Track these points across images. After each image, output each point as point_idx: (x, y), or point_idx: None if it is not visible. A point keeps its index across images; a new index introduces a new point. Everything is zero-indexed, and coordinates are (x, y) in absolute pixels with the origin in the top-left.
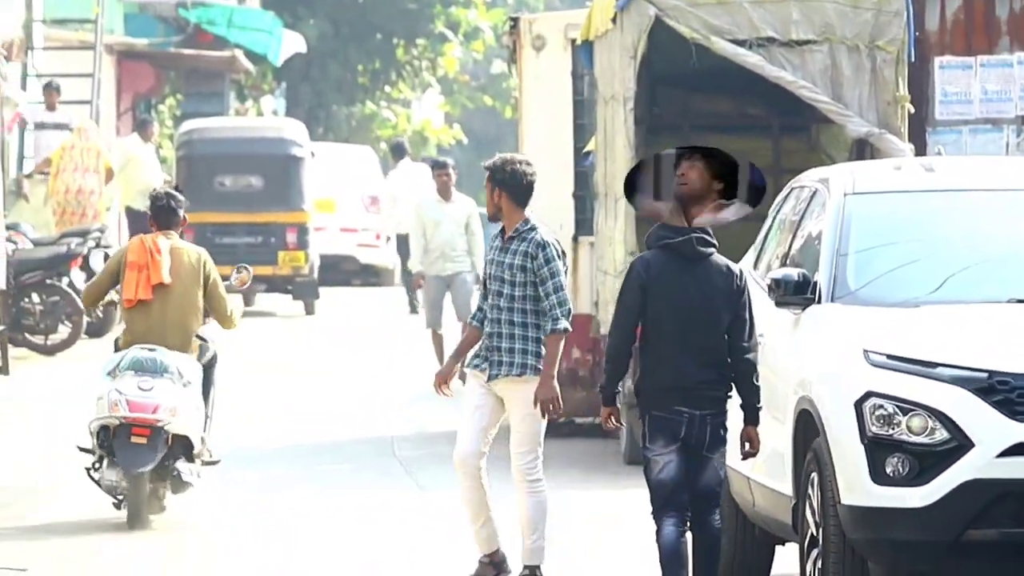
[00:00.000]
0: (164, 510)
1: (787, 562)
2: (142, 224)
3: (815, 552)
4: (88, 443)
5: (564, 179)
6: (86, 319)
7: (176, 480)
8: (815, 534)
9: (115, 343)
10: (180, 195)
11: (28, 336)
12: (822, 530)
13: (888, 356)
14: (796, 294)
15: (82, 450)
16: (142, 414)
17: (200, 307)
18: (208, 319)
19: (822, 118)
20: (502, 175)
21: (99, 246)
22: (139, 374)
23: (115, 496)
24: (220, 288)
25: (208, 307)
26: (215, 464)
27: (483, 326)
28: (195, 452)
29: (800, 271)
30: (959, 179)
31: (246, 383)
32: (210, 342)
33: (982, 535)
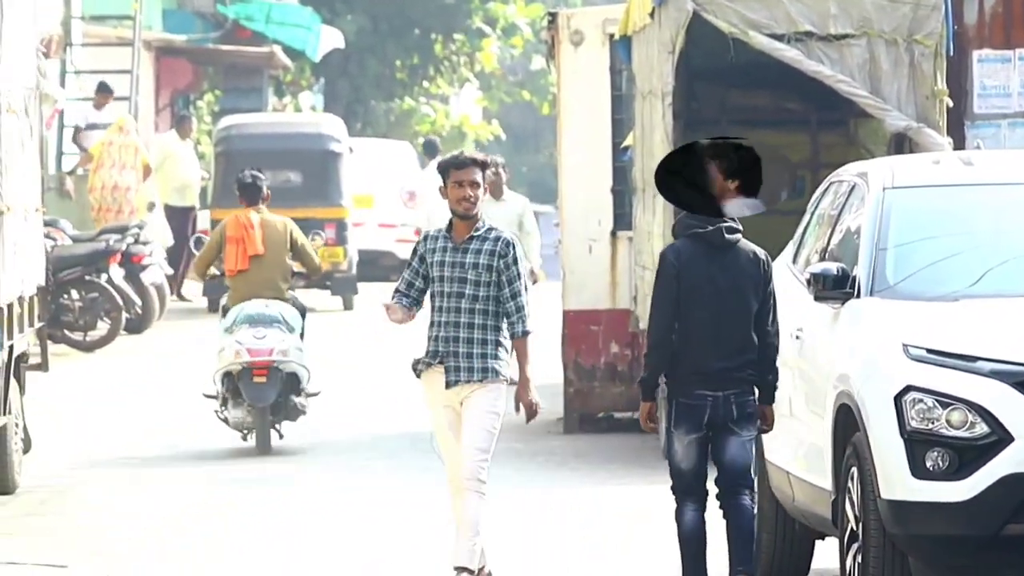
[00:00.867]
0: (282, 437)
1: (827, 557)
2: (179, 220)
3: (855, 547)
4: (212, 391)
5: (602, 174)
6: (125, 315)
7: (292, 409)
8: (855, 529)
9: (222, 307)
10: (262, 175)
11: (67, 333)
12: (862, 525)
13: (927, 350)
14: (835, 288)
15: (207, 396)
16: (260, 358)
17: (288, 268)
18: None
19: (860, 112)
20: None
21: (138, 242)
22: (253, 326)
23: (241, 431)
24: (307, 246)
25: (299, 262)
26: (316, 395)
27: (410, 309)
28: (302, 386)
29: (839, 265)
30: (998, 173)
31: None
32: (299, 297)
33: (1021, 530)
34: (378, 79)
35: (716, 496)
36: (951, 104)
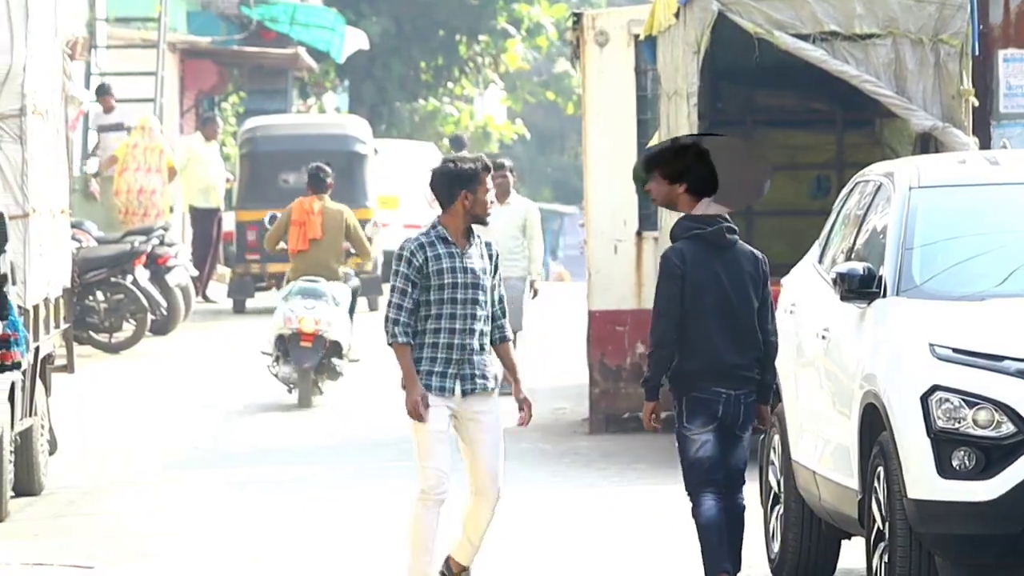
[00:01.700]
0: (322, 393)
1: (854, 556)
2: (205, 222)
3: (882, 546)
4: (268, 349)
5: (627, 174)
6: (150, 317)
7: (332, 371)
8: (881, 528)
9: (285, 279)
10: (328, 168)
11: (92, 334)
12: (888, 524)
13: (954, 350)
14: (861, 288)
15: (264, 353)
16: (307, 326)
17: (343, 251)
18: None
19: (886, 112)
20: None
21: (163, 244)
22: (304, 298)
23: (288, 384)
24: (359, 232)
25: (353, 246)
26: (357, 361)
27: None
28: (344, 352)
29: (865, 265)
30: None
31: None
32: (352, 275)
33: None
34: (402, 80)
35: None
36: (977, 103)
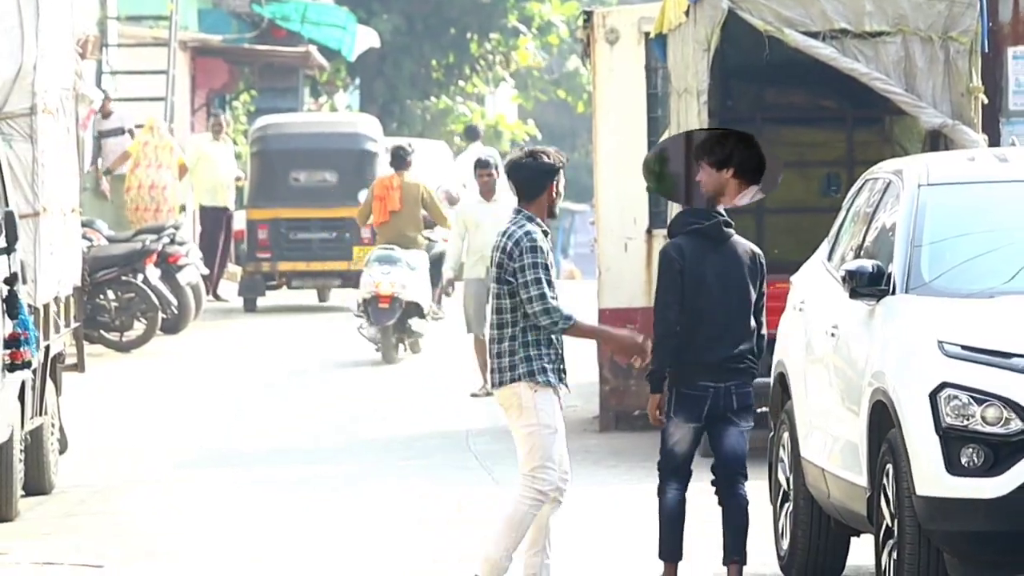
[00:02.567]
0: (407, 349)
1: (863, 554)
2: (212, 221)
3: (891, 543)
4: (358, 312)
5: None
6: (161, 316)
7: (410, 331)
8: (890, 525)
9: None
10: (408, 147)
11: (103, 333)
12: (897, 521)
13: (963, 347)
14: (870, 285)
15: (356, 315)
16: (384, 290)
17: (420, 221)
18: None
19: (896, 110)
20: None
21: (173, 242)
22: (381, 264)
23: (375, 343)
24: (435, 202)
25: (430, 215)
26: (440, 319)
27: None
28: (424, 312)
29: (874, 262)
30: None
31: (325, 376)
32: (438, 241)
33: None
34: (413, 78)
35: (713, 483)
36: (986, 101)
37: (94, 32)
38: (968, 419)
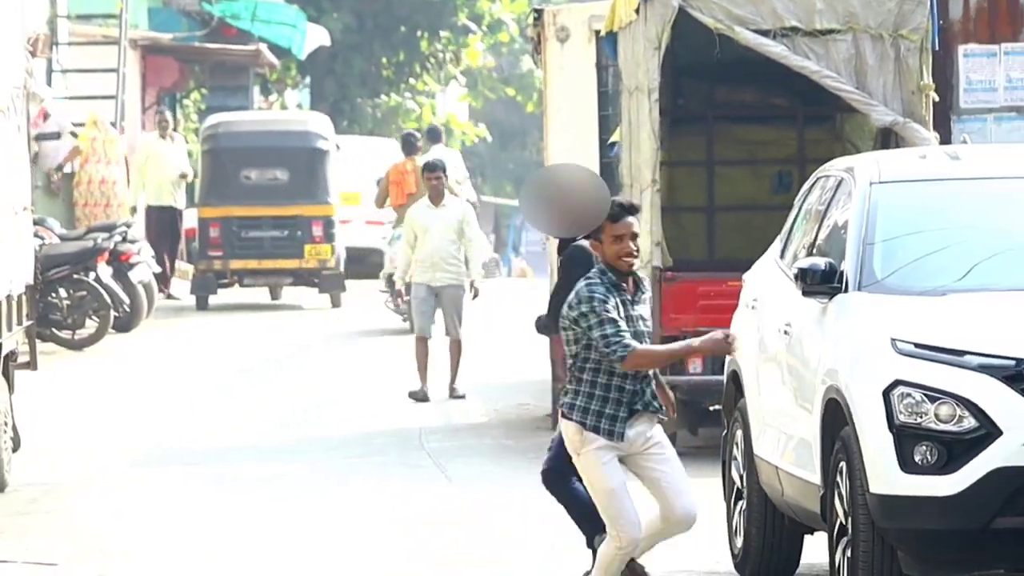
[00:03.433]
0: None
1: (817, 551)
2: (165, 220)
3: (844, 541)
4: (384, 287)
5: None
6: (113, 314)
7: None
8: (844, 523)
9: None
10: (418, 133)
11: (56, 331)
12: (851, 519)
13: (915, 344)
14: (823, 283)
15: (382, 292)
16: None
17: None
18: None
19: (847, 107)
20: None
21: (125, 241)
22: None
23: (400, 315)
24: (451, 185)
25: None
26: (477, 297)
27: None
28: None
29: (826, 260)
30: (984, 167)
31: (274, 376)
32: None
33: (1010, 523)
34: (364, 76)
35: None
36: (937, 99)
37: (44, 30)
38: (921, 417)
